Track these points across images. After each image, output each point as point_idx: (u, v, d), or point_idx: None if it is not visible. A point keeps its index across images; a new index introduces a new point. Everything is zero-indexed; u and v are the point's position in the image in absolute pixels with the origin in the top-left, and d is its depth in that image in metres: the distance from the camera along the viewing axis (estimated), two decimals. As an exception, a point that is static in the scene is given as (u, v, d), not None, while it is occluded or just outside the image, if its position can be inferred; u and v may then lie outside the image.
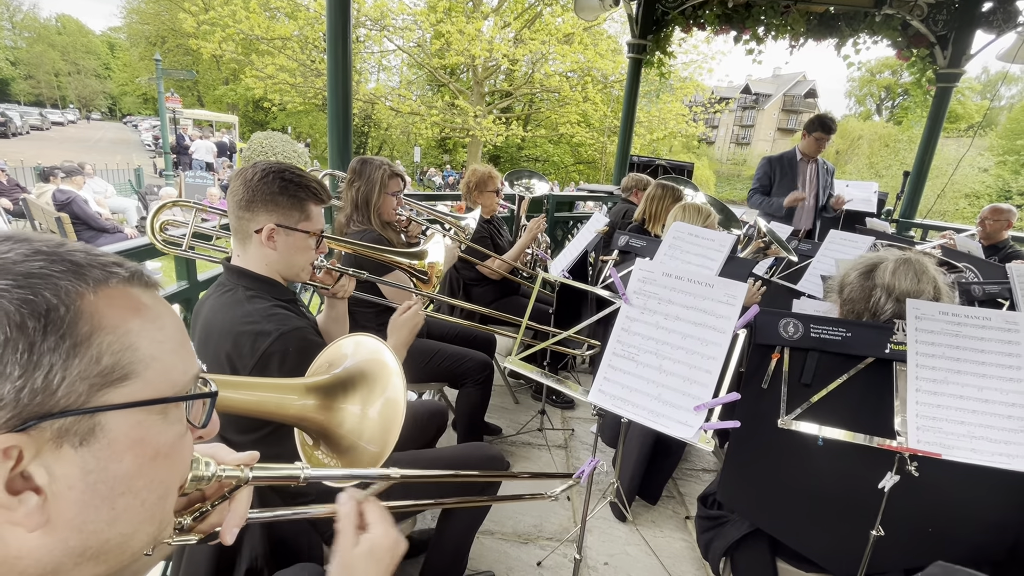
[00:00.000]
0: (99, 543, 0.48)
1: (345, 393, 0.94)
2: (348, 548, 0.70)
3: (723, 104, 24.32)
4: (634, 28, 6.09)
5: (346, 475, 0.80)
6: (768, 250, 2.89)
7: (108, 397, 0.46)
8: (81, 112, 52.10)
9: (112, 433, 0.47)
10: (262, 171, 1.34)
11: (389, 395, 0.91)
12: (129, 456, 0.48)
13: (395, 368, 0.92)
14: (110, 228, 6.96)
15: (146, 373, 0.49)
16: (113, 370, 0.46)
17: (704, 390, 1.26)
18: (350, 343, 1.01)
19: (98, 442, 0.46)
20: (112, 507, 0.48)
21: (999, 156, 31.80)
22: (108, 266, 0.49)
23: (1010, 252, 3.90)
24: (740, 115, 53.58)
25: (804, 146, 4.32)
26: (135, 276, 0.51)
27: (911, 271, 1.43)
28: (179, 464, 0.55)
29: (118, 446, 0.47)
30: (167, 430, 0.52)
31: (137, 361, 0.48)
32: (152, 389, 0.49)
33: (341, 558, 0.70)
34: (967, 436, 1.19)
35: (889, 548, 1.32)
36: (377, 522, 0.73)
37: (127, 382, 0.47)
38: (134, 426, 0.48)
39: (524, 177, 4.19)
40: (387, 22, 19.14)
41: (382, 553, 0.71)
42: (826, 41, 5.83)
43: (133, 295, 0.50)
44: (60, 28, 54.35)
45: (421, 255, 1.94)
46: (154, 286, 0.54)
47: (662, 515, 2.43)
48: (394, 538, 0.73)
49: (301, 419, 0.95)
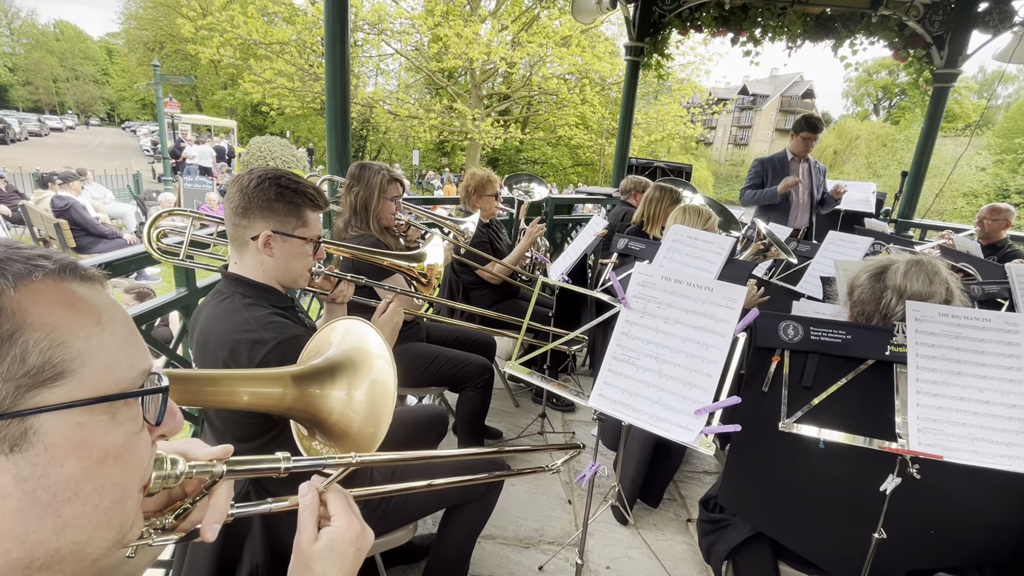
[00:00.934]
0: (47, 553, 0.45)
1: (332, 379, 0.93)
2: (307, 543, 0.65)
3: (721, 105, 24.37)
4: (631, 30, 6.11)
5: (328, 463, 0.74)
6: (768, 252, 2.89)
7: (40, 398, 0.43)
8: (80, 118, 52.14)
9: (49, 436, 0.43)
10: (258, 177, 1.34)
11: (375, 376, 0.89)
12: (72, 460, 0.45)
13: (380, 352, 0.91)
14: (109, 234, 6.97)
15: (83, 371, 0.45)
16: (43, 369, 0.43)
17: (705, 394, 1.26)
18: (340, 328, 1.00)
19: (32, 447, 0.43)
20: (58, 515, 0.45)
21: (997, 155, 31.85)
22: (32, 259, 0.46)
23: (1009, 251, 3.91)
24: (738, 116, 53.69)
25: (793, 146, 4.35)
26: (67, 269, 0.48)
27: (923, 273, 1.42)
28: (134, 465, 0.51)
29: (57, 450, 0.44)
30: (115, 430, 0.48)
31: (72, 358, 0.45)
32: (91, 387, 0.46)
33: (299, 554, 0.65)
34: (968, 438, 1.19)
35: (891, 551, 1.31)
36: (339, 513, 0.68)
37: (61, 381, 0.44)
38: (75, 428, 0.45)
39: (523, 181, 4.19)
40: (385, 26, 19.20)
41: (344, 547, 0.66)
42: (823, 42, 5.85)
43: (64, 289, 0.47)
44: (58, 34, 54.48)
45: (420, 257, 1.94)
46: (91, 279, 0.51)
47: (664, 518, 2.42)
48: (357, 530, 0.67)
49: (289, 408, 0.94)
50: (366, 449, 0.87)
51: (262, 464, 0.69)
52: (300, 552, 0.65)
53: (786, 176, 4.32)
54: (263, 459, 0.69)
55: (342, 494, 0.71)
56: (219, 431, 1.38)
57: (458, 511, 1.68)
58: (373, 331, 0.95)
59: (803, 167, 4.36)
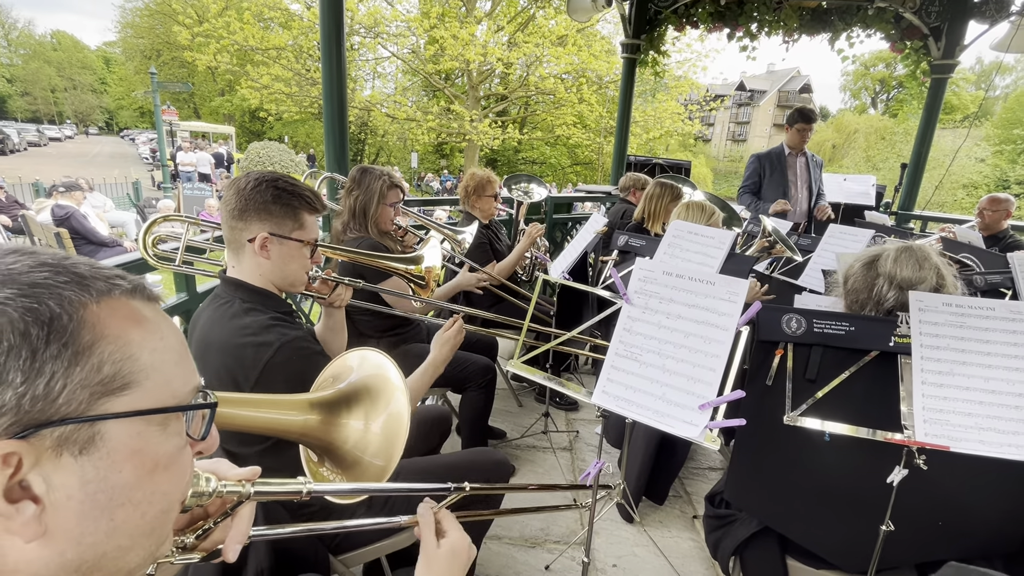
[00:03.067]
0: (95, 556, 0.47)
1: (349, 408, 0.94)
2: (432, 549, 0.82)
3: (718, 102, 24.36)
4: (627, 28, 6.11)
5: (351, 489, 0.81)
6: (773, 249, 2.88)
7: (108, 406, 0.46)
8: (78, 127, 52.25)
9: (112, 442, 0.47)
10: (255, 180, 1.33)
11: (392, 410, 0.90)
12: (128, 467, 0.48)
13: (399, 384, 0.92)
14: (109, 242, 6.97)
15: (146, 383, 0.49)
16: (114, 379, 0.46)
17: (708, 388, 1.25)
18: (355, 358, 1.00)
19: (98, 451, 0.46)
20: (111, 518, 0.47)
21: (996, 146, 31.80)
22: (111, 278, 0.50)
23: (1010, 242, 3.89)
24: (736, 112, 53.67)
25: (789, 140, 4.33)
26: (137, 289, 0.52)
27: (912, 259, 1.42)
28: (179, 477, 0.55)
29: (118, 456, 0.47)
30: (166, 442, 0.52)
31: (138, 371, 0.48)
32: (152, 399, 0.49)
33: (427, 557, 0.81)
34: (975, 428, 1.18)
35: (900, 543, 1.30)
36: (453, 528, 0.86)
37: (127, 391, 0.47)
38: (134, 436, 0.48)
39: (522, 181, 4.19)
40: (381, 29, 19.22)
41: (460, 552, 0.83)
42: (819, 36, 5.84)
43: (135, 307, 0.51)
44: (55, 44, 54.62)
45: (418, 260, 1.93)
46: (155, 299, 0.55)
47: (669, 515, 2.41)
48: (468, 543, 0.86)
49: (304, 435, 0.94)
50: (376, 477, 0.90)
51: (286, 487, 0.75)
52: (428, 556, 0.82)
53: (783, 170, 4.31)
54: (287, 482, 0.75)
55: (450, 515, 0.90)
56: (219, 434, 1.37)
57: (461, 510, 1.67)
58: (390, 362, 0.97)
59: (800, 161, 4.35)
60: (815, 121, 4.27)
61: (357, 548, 1.48)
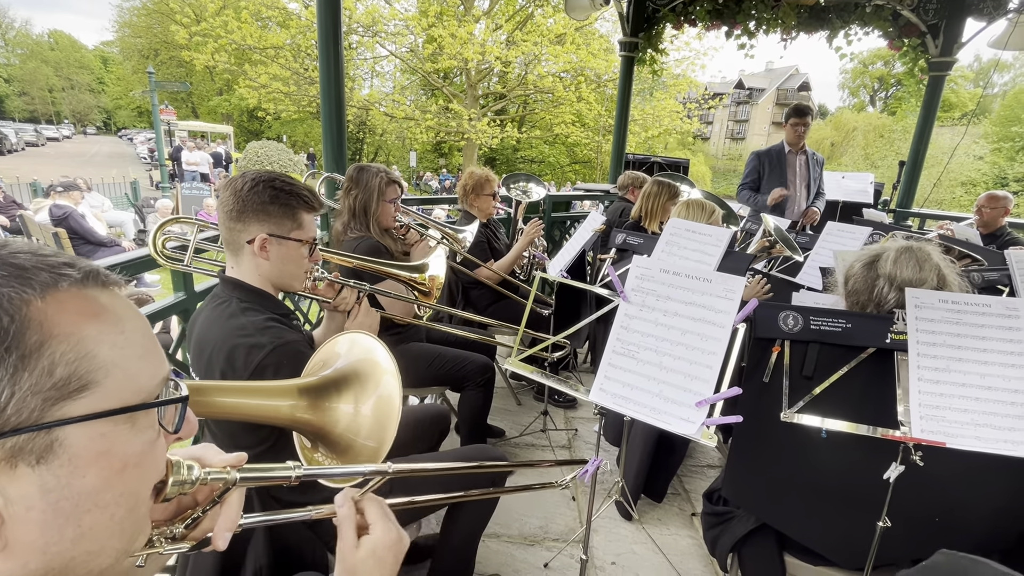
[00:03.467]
0: (62, 563, 0.45)
1: (338, 392, 0.93)
2: (350, 552, 0.69)
3: (717, 100, 24.35)
4: (625, 26, 6.10)
5: (341, 472, 0.77)
6: (773, 249, 2.87)
7: (66, 410, 0.43)
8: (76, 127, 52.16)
9: (73, 448, 0.43)
10: (252, 180, 1.33)
11: (382, 392, 0.89)
12: (94, 470, 0.45)
13: (388, 367, 0.91)
14: (107, 242, 6.96)
15: (107, 381, 0.45)
16: (69, 381, 0.43)
17: (705, 386, 1.26)
18: (346, 341, 1.00)
19: (58, 459, 0.43)
20: (78, 525, 0.45)
21: (994, 143, 31.84)
22: (57, 267, 0.45)
23: (1008, 239, 3.90)
24: (734, 110, 53.68)
25: (787, 137, 4.33)
26: (90, 276, 0.47)
27: (912, 259, 1.42)
28: (150, 472, 0.52)
29: (80, 461, 0.44)
30: (135, 439, 0.49)
31: (96, 369, 0.45)
32: (115, 398, 0.46)
33: (342, 562, 0.69)
34: (971, 424, 1.19)
35: (896, 539, 1.31)
36: (377, 521, 0.71)
37: (86, 393, 0.44)
38: (97, 438, 0.45)
39: (520, 180, 4.19)
40: (379, 28, 19.19)
41: (384, 552, 0.69)
42: (817, 33, 5.84)
43: (89, 297, 0.46)
44: (53, 44, 54.51)
45: (423, 268, 1.94)
46: (113, 284, 0.50)
47: (668, 513, 2.42)
48: (395, 536, 0.71)
49: (294, 421, 0.94)
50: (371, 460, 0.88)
51: (274, 472, 0.70)
52: (344, 560, 0.68)
53: (783, 168, 4.31)
54: (275, 467, 0.70)
55: (377, 502, 0.73)
56: (219, 437, 1.38)
57: (461, 509, 1.68)
58: (379, 344, 0.95)
59: (800, 159, 4.35)
60: (809, 115, 4.26)
61: (356, 546, 1.48)
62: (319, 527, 1.44)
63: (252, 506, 1.31)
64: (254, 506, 1.31)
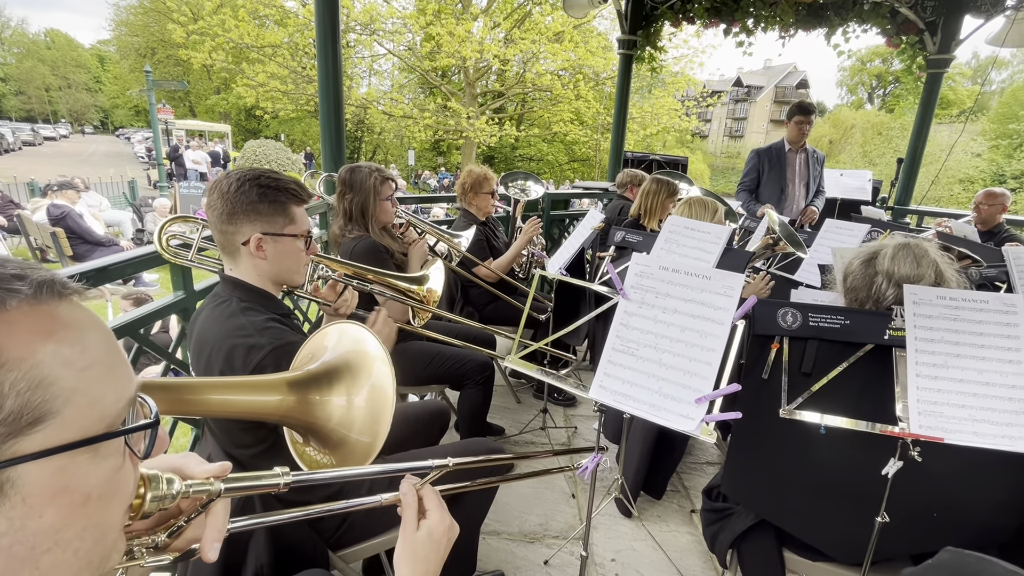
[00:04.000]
0: None
1: (329, 385, 0.92)
2: (411, 532, 0.77)
3: (715, 98, 24.33)
4: (623, 24, 6.10)
5: (331, 477, 0.77)
6: (776, 246, 2.87)
7: (17, 447, 0.38)
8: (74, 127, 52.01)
9: (27, 487, 0.39)
10: (238, 180, 1.31)
11: (375, 382, 0.88)
12: (51, 509, 0.40)
13: (379, 355, 0.90)
14: (105, 241, 6.95)
15: (66, 410, 0.40)
16: (22, 415, 0.38)
17: (705, 382, 1.26)
18: (335, 332, 0.99)
19: (9, 500, 0.38)
20: (36, 567, 0.40)
21: (992, 141, 31.88)
22: (5, 282, 0.40)
23: (1005, 236, 3.91)
24: (732, 108, 53.66)
25: (789, 135, 4.30)
26: (44, 288, 0.42)
27: (910, 256, 1.43)
28: (118, 499, 0.48)
29: (36, 500, 0.39)
30: (98, 468, 0.44)
31: (53, 398, 0.40)
32: (75, 428, 0.41)
33: (405, 541, 0.77)
34: (969, 420, 1.19)
35: (895, 534, 1.31)
36: (434, 508, 0.80)
37: (41, 425, 0.39)
38: (55, 473, 0.40)
39: (519, 179, 4.18)
40: (377, 26, 19.15)
41: (439, 535, 0.78)
42: (816, 31, 5.84)
43: (42, 313, 0.41)
44: (49, 43, 54.31)
45: (422, 280, 1.94)
46: (71, 293, 0.44)
47: (667, 510, 2.42)
48: (449, 522, 0.80)
49: (285, 416, 0.92)
50: (364, 455, 0.87)
51: (262, 481, 0.68)
52: (405, 540, 0.77)
53: (783, 166, 4.30)
54: (262, 475, 0.68)
55: (434, 493, 0.82)
56: (219, 437, 1.38)
57: (458, 500, 1.67)
58: (369, 333, 0.94)
59: (800, 158, 4.33)
60: (813, 113, 4.24)
61: (356, 544, 1.49)
62: (320, 525, 1.44)
63: (252, 506, 1.31)
64: (255, 507, 1.31)
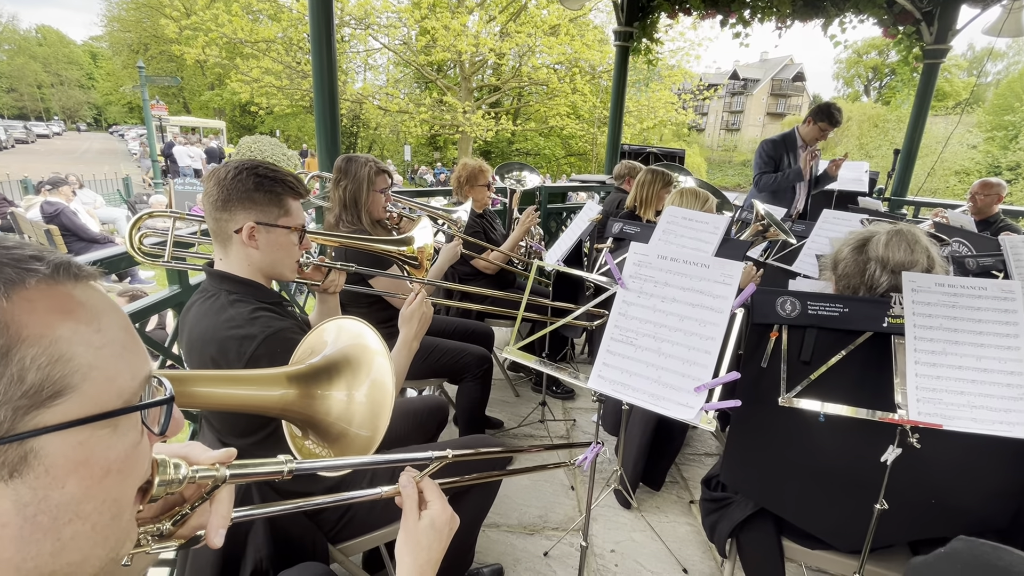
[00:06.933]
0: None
1: (330, 379, 0.91)
2: (413, 523, 0.79)
3: (712, 91, 24.28)
4: (620, 16, 6.07)
5: (333, 465, 0.78)
6: (767, 233, 2.87)
7: (40, 419, 0.40)
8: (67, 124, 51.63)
9: (50, 458, 0.41)
10: (235, 169, 1.31)
11: (375, 377, 0.88)
12: (73, 480, 0.42)
13: (379, 348, 0.90)
14: (100, 239, 6.91)
15: (84, 385, 0.42)
16: (42, 388, 0.40)
17: (704, 371, 1.26)
18: (332, 327, 0.98)
19: (33, 471, 0.40)
20: (57, 538, 0.42)
21: (987, 132, 31.95)
22: (23, 262, 0.41)
23: (1001, 225, 3.92)
24: (729, 101, 53.57)
25: (806, 132, 4.19)
26: (61, 269, 0.44)
27: (903, 242, 1.43)
28: (134, 476, 0.50)
29: (58, 472, 0.41)
30: (117, 443, 0.46)
31: (72, 373, 0.42)
32: (93, 403, 0.43)
33: (407, 531, 0.79)
34: (967, 406, 1.20)
35: (893, 521, 1.32)
36: (435, 499, 0.82)
37: (61, 399, 0.41)
38: (76, 447, 0.42)
39: (515, 170, 4.17)
40: (371, 20, 19.02)
41: (441, 525, 0.80)
42: (812, 22, 5.82)
43: (60, 294, 0.43)
44: (41, 39, 53.84)
45: (408, 241, 1.91)
46: (88, 277, 0.46)
47: (666, 500, 2.43)
48: (449, 512, 0.82)
49: (284, 410, 0.92)
50: (364, 449, 0.87)
51: (266, 467, 0.69)
52: (407, 530, 0.79)
53: (796, 158, 4.25)
54: (267, 462, 0.69)
55: (434, 485, 0.84)
56: (217, 428, 1.37)
57: (461, 497, 1.68)
58: (367, 328, 0.94)
59: (807, 155, 4.32)
60: (839, 125, 4.10)
61: (355, 537, 1.49)
62: (320, 518, 1.44)
63: (251, 498, 1.31)
64: (253, 498, 1.31)
